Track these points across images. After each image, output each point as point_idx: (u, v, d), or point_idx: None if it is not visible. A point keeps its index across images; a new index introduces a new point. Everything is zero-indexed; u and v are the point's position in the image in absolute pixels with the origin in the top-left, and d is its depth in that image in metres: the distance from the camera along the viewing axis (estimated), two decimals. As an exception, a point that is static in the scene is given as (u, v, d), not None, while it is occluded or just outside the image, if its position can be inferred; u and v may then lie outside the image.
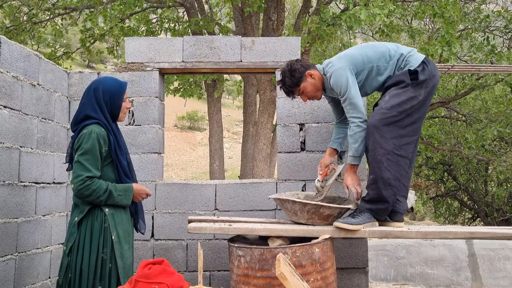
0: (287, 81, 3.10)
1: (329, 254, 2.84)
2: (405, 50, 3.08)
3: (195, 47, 3.73)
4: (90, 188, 2.49)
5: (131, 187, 2.66)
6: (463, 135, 10.38)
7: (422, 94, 2.95)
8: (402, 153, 2.93)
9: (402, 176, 2.97)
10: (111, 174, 2.64)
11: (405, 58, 3.03)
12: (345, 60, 3.02)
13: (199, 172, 28.27)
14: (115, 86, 2.71)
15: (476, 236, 2.91)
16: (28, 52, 3.17)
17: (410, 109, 2.93)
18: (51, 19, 9.46)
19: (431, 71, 2.98)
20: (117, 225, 2.59)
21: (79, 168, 2.51)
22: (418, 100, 2.94)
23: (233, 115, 40.86)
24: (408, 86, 2.94)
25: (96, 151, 2.54)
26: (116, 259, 2.54)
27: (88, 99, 2.66)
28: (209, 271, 3.59)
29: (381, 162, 2.89)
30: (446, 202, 14.11)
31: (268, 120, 8.27)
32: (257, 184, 3.64)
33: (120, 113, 2.74)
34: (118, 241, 2.57)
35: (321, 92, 3.17)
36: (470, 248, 5.71)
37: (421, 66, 2.98)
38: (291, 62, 3.13)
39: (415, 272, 5.78)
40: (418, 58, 3.02)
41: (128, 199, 2.64)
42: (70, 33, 12.35)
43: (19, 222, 3.00)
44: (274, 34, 8.26)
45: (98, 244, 2.52)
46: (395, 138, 2.92)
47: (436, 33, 8.64)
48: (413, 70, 2.96)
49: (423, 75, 2.95)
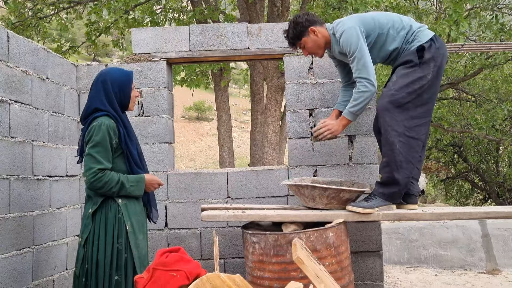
0: (290, 32, 3.08)
1: (343, 238, 2.84)
2: (416, 25, 3.03)
3: (201, 36, 3.71)
4: (102, 180, 2.51)
5: (143, 178, 2.68)
6: (473, 116, 10.29)
7: (431, 73, 2.89)
8: (414, 135, 2.90)
9: (414, 158, 2.93)
10: (123, 165, 2.66)
11: (415, 33, 2.98)
12: (357, 20, 2.98)
13: (208, 162, 28.37)
14: (122, 76, 2.71)
15: (491, 216, 2.89)
16: (36, 47, 3.17)
17: (420, 89, 2.89)
18: (56, 13, 9.47)
19: (438, 49, 2.93)
20: (130, 215, 2.60)
21: (91, 160, 2.52)
22: (427, 80, 2.89)
23: (240, 104, 40.81)
24: (415, 66, 2.90)
25: (106, 143, 2.54)
26: (131, 249, 2.56)
27: (96, 92, 2.66)
28: (223, 259, 3.61)
29: (394, 145, 2.87)
30: (457, 184, 14.04)
31: (276, 107, 8.25)
32: (268, 171, 3.64)
33: (129, 102, 2.75)
34: (133, 231, 2.58)
35: (323, 50, 3.13)
36: (484, 229, 5.69)
37: (428, 42, 2.92)
38: (299, 14, 3.11)
39: (428, 254, 5.78)
40: (428, 34, 2.97)
41: (141, 189, 2.66)
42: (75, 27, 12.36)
43: (35, 215, 3.03)
44: (279, 20, 8.20)
45: (113, 234, 2.54)
46: (406, 120, 2.88)
47: (444, 13, 8.51)
48: (420, 46, 2.91)
49: (429, 53, 2.90)
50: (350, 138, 3.59)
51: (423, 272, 5.54)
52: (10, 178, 2.77)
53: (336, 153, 3.59)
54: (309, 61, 3.65)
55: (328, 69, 3.63)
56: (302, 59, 3.65)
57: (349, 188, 2.91)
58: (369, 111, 3.58)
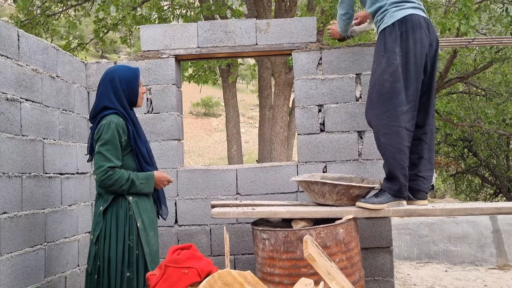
0: None
1: (353, 235, 2.84)
2: (391, 1, 2.95)
3: (210, 32, 3.71)
4: (113, 178, 2.52)
5: (152, 175, 2.69)
6: (483, 110, 10.19)
7: (397, 58, 2.85)
8: (400, 124, 2.84)
9: (405, 147, 2.86)
10: (132, 163, 2.67)
11: (385, 11, 2.96)
12: None
13: (216, 158, 28.43)
14: (129, 74, 2.73)
15: (503, 211, 2.87)
16: (46, 45, 3.19)
17: (391, 76, 2.85)
18: (64, 11, 9.51)
19: (405, 32, 2.85)
20: (141, 212, 2.62)
21: (101, 158, 2.54)
22: (395, 66, 2.85)
23: (247, 100, 40.80)
24: (381, 53, 2.92)
25: (116, 141, 2.56)
26: (142, 245, 2.58)
27: (104, 90, 2.68)
28: (233, 255, 3.62)
29: (379, 140, 2.92)
30: (467, 178, 13.95)
31: (284, 103, 8.23)
32: (277, 167, 3.64)
33: (138, 98, 2.76)
34: (144, 228, 2.60)
35: None
36: (494, 224, 5.66)
37: (390, 27, 2.89)
38: None
39: (438, 249, 5.76)
40: (395, 16, 2.90)
41: (151, 186, 2.67)
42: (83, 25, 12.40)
43: (46, 212, 3.06)
44: (287, 16, 8.17)
45: (124, 232, 2.56)
46: (388, 111, 2.87)
47: (453, 7, 8.42)
48: (381, 30, 2.94)
49: (390, 39, 2.87)
50: (360, 134, 3.58)
51: (433, 268, 5.52)
52: (22, 176, 2.80)
53: (346, 149, 3.58)
54: (318, 57, 3.63)
55: (337, 64, 3.61)
56: (311, 55, 3.64)
57: (359, 184, 2.91)
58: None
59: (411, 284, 4.87)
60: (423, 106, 3.03)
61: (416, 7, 2.95)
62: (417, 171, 3.01)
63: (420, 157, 3.04)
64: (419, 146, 3.04)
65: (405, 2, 2.94)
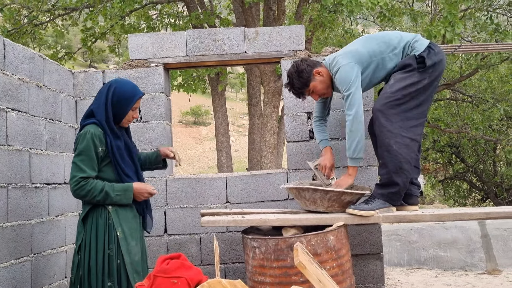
0: (295, 83, 3.05)
1: (343, 241, 2.83)
2: (409, 37, 3.05)
3: (198, 41, 3.71)
4: (85, 188, 2.49)
5: (130, 187, 2.62)
6: (470, 116, 10.31)
7: (427, 79, 2.91)
8: (411, 135, 2.90)
9: (412, 158, 2.94)
10: (111, 174, 2.63)
11: (411, 45, 3.00)
12: (351, 56, 2.97)
13: (206, 167, 28.33)
14: (127, 92, 2.67)
15: (492, 216, 2.89)
16: (32, 54, 3.16)
17: (415, 92, 2.90)
18: (51, 20, 9.46)
19: (438, 55, 2.95)
20: (121, 221, 2.59)
21: (74, 169, 2.52)
22: (423, 84, 2.91)
23: (237, 108, 40.82)
24: (414, 71, 2.91)
25: (90, 152, 2.53)
26: (123, 255, 2.54)
27: (100, 94, 2.68)
28: (223, 264, 3.59)
29: (390, 146, 2.87)
30: (455, 184, 14.06)
31: (273, 110, 8.25)
32: (267, 175, 3.64)
33: (123, 119, 2.69)
34: (124, 237, 2.57)
35: (331, 88, 3.14)
36: (483, 229, 5.69)
37: (426, 51, 2.94)
38: (296, 63, 3.08)
39: (428, 255, 5.77)
40: (424, 43, 3.00)
41: (128, 198, 2.61)
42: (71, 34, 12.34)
43: (33, 223, 3.01)
44: (275, 24, 8.21)
45: (104, 241, 2.54)
46: (402, 121, 2.89)
47: (439, 15, 8.55)
48: (419, 55, 2.93)
49: (430, 60, 2.92)
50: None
51: (423, 274, 5.53)
52: (8, 187, 2.76)
53: (335, 156, 3.58)
54: (306, 65, 3.64)
55: (326, 72, 3.62)
56: (299, 63, 3.65)
57: (350, 191, 2.91)
58: (366, 113, 3.57)
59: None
60: None
61: None
62: None
63: (413, 166, 3.07)
64: None
65: (416, 35, 3.08)
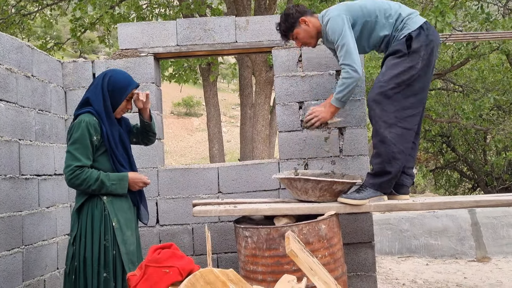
0: (281, 25, 3.13)
1: (335, 230, 2.85)
2: (405, 11, 2.99)
3: (189, 30, 3.68)
4: (80, 177, 2.48)
5: (126, 176, 2.63)
6: (460, 106, 10.36)
7: (420, 62, 2.87)
8: (406, 125, 2.89)
9: (407, 149, 2.93)
10: (107, 163, 2.62)
11: (404, 20, 2.96)
12: (343, 8, 3.00)
13: (198, 158, 28.28)
14: (122, 82, 2.67)
15: (482, 204, 2.91)
16: (20, 44, 3.12)
17: (409, 79, 2.88)
18: (40, 10, 9.32)
19: (427, 36, 2.90)
20: (117, 211, 2.59)
21: (69, 158, 2.51)
22: (417, 69, 2.88)
23: (229, 99, 40.71)
24: (404, 56, 2.89)
25: (85, 140, 2.51)
26: (118, 245, 2.54)
27: (95, 83, 2.67)
28: (216, 254, 3.60)
29: (384, 136, 2.87)
30: (446, 173, 14.16)
31: (265, 101, 8.23)
32: (259, 165, 3.63)
33: (117, 108, 2.69)
34: (119, 228, 2.57)
35: (315, 40, 3.16)
36: (473, 217, 5.76)
37: (417, 30, 2.90)
38: (288, 6, 3.16)
39: (419, 244, 5.83)
40: (417, 22, 2.94)
41: (123, 188, 2.62)
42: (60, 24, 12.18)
43: (24, 215, 2.99)
44: (266, 14, 8.17)
45: (100, 231, 2.53)
46: (397, 111, 2.88)
47: (430, 4, 8.54)
48: (408, 35, 2.89)
49: (417, 42, 2.88)
50: (340, 130, 3.60)
51: (414, 262, 5.59)
52: (-3, 178, 2.73)
53: (327, 145, 3.59)
54: (298, 54, 3.64)
55: (317, 61, 3.62)
56: (291, 52, 3.64)
57: (342, 180, 2.92)
58: (358, 103, 3.58)
59: (393, 278, 4.93)
60: None
61: None
62: (403, 168, 3.04)
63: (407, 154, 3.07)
64: None
65: (414, 13, 3.01)
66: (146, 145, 3.04)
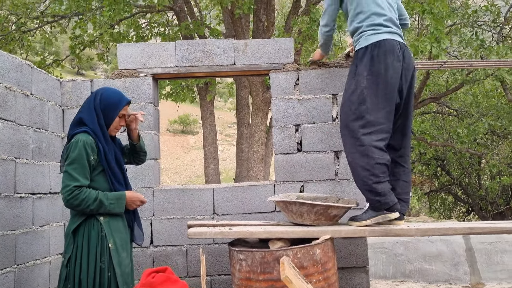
0: None
1: (330, 255, 2.84)
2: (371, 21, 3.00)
3: (188, 52, 3.72)
4: (79, 198, 2.46)
5: (123, 195, 2.62)
6: (455, 130, 10.45)
7: (365, 81, 2.94)
8: (363, 143, 2.91)
9: (369, 164, 2.90)
10: (104, 183, 2.61)
11: (362, 33, 3.03)
12: None
13: (193, 176, 28.20)
14: (113, 98, 2.67)
15: (475, 231, 2.92)
16: (20, 62, 3.14)
17: (358, 98, 2.95)
18: (40, 27, 9.40)
19: (377, 56, 2.92)
20: (113, 232, 2.57)
21: (67, 178, 2.49)
22: (361, 88, 2.94)
23: (225, 118, 40.83)
24: (352, 79, 3.02)
25: (83, 160, 2.51)
26: (114, 267, 2.51)
27: (88, 102, 2.67)
28: (210, 276, 3.57)
29: (348, 159, 3.02)
30: (440, 197, 14.19)
31: (261, 121, 8.27)
32: (254, 186, 3.64)
33: (111, 126, 2.68)
34: (116, 249, 2.55)
35: None
36: (468, 243, 5.74)
37: (363, 49, 2.99)
38: None
39: (413, 268, 5.80)
40: (369, 39, 2.98)
41: (121, 207, 2.61)
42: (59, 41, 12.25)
43: (17, 234, 2.97)
44: (264, 36, 8.27)
45: (96, 253, 2.50)
46: (353, 132, 2.97)
47: (426, 30, 8.69)
48: (356, 52, 3.04)
49: (361, 63, 2.97)
50: (336, 154, 3.62)
51: (409, 287, 5.55)
52: (-8, 196, 2.72)
53: (322, 169, 3.60)
54: (295, 77, 3.68)
55: (314, 85, 3.66)
56: (288, 75, 3.68)
57: (337, 204, 2.93)
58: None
59: (387, 303, 4.88)
60: (398, 129, 3.09)
61: (393, 32, 3.01)
62: (396, 193, 3.05)
63: (397, 179, 3.09)
64: (396, 169, 3.09)
65: (381, 26, 3.00)
66: (138, 164, 3.04)
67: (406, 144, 3.10)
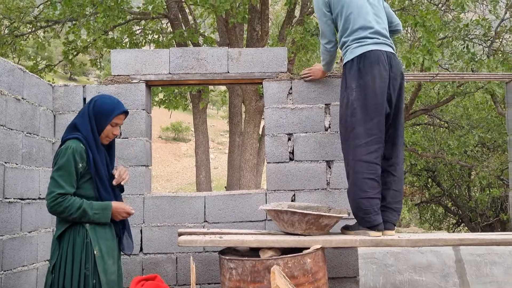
0: None
1: (320, 264, 2.84)
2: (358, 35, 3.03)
3: (181, 59, 3.72)
4: (62, 205, 2.44)
5: (109, 205, 2.59)
6: (446, 141, 10.52)
7: (354, 94, 2.99)
8: (356, 157, 2.98)
9: (358, 179, 2.95)
10: (91, 191, 2.59)
11: (348, 47, 3.09)
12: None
13: (184, 183, 28.11)
14: (107, 105, 2.65)
15: (465, 243, 2.94)
16: (12, 66, 3.12)
17: (348, 110, 3.02)
18: (33, 32, 9.36)
19: (364, 67, 2.96)
20: (99, 239, 2.55)
21: (53, 184, 2.47)
22: (351, 101, 3.00)
23: (217, 126, 40.82)
24: (344, 92, 3.09)
25: (70, 167, 2.48)
26: (99, 274, 2.49)
27: (84, 108, 2.68)
28: (199, 284, 3.54)
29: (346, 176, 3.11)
30: (430, 208, 14.25)
31: (254, 130, 8.28)
32: (246, 195, 3.63)
33: (101, 134, 2.65)
34: (101, 256, 2.52)
35: None
36: (457, 254, 5.76)
37: (349, 63, 3.04)
38: None
39: (403, 279, 5.80)
40: (355, 52, 3.03)
41: (106, 217, 2.58)
42: (52, 45, 12.21)
43: (4, 239, 2.93)
44: (258, 45, 8.30)
45: (81, 260, 2.48)
46: (348, 144, 3.05)
47: (418, 42, 8.78)
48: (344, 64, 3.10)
49: (349, 75, 3.03)
50: (328, 163, 3.62)
51: (398, 298, 5.55)
52: (-20, 201, 2.68)
53: (314, 178, 3.61)
54: (288, 87, 3.69)
55: (307, 94, 3.67)
56: (281, 84, 3.69)
57: (328, 214, 2.93)
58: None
59: (377, 314, 4.87)
60: (389, 138, 3.11)
61: (379, 43, 3.04)
62: (386, 202, 3.06)
63: (388, 188, 3.09)
64: (387, 178, 3.10)
65: (366, 39, 3.04)
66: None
67: (397, 153, 3.12)
